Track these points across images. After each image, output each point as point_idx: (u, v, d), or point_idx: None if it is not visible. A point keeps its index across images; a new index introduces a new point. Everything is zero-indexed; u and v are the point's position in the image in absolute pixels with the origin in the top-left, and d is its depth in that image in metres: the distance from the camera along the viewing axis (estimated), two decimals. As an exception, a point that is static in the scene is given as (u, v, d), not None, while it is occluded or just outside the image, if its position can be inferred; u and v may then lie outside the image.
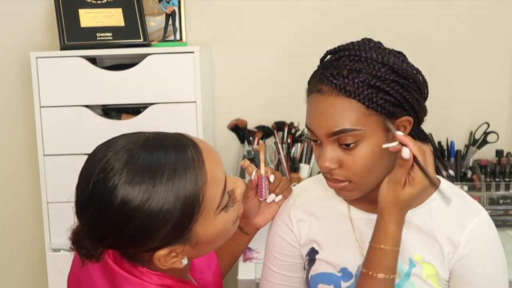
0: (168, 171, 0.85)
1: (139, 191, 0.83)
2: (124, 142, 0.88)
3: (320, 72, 0.99)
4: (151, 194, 0.84)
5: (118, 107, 1.99)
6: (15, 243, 2.34)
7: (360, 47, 0.98)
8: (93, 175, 0.85)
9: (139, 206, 0.83)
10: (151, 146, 0.87)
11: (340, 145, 0.97)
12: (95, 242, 0.89)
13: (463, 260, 1.02)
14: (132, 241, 0.87)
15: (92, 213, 0.86)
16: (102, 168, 0.85)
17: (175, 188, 0.85)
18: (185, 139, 0.91)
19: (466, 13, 2.13)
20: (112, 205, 0.84)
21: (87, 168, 0.88)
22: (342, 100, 0.95)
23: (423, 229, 1.04)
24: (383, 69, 0.95)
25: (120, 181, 0.83)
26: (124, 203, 0.83)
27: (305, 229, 1.13)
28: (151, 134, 0.91)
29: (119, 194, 0.83)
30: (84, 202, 0.87)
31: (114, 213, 0.84)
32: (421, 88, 1.01)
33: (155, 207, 0.84)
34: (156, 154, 0.86)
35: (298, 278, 1.17)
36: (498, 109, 2.17)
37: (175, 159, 0.86)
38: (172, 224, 0.86)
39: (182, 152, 0.88)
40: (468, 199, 1.07)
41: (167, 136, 0.91)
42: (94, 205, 0.85)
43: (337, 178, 1.00)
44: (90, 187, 0.85)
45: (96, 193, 0.85)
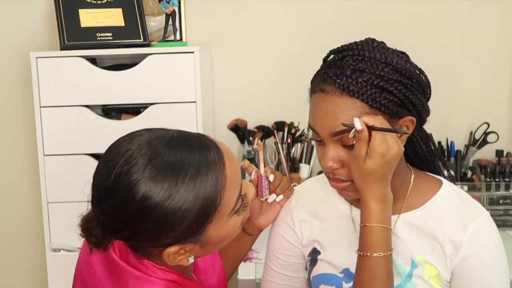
0: (191, 171, 0.86)
1: (161, 188, 0.84)
2: (149, 137, 0.89)
3: (323, 72, 0.99)
4: (173, 192, 0.85)
5: (118, 107, 1.99)
6: (15, 243, 2.34)
7: (363, 47, 0.98)
8: (116, 167, 0.86)
9: (160, 203, 0.84)
10: (176, 145, 0.88)
11: (343, 145, 0.97)
12: (109, 233, 0.89)
13: (465, 261, 1.02)
14: (147, 236, 0.88)
15: (111, 204, 0.86)
16: (126, 161, 0.86)
17: (196, 188, 0.86)
18: (208, 141, 0.92)
19: (466, 13, 2.13)
20: (133, 199, 0.84)
21: (109, 159, 0.89)
22: (346, 99, 0.95)
23: (424, 230, 1.04)
24: (387, 69, 0.95)
25: (143, 177, 0.84)
26: (145, 199, 0.84)
27: (307, 230, 1.13)
28: (175, 132, 0.92)
29: (141, 189, 0.84)
30: (103, 193, 0.88)
31: (134, 207, 0.85)
32: (424, 88, 1.01)
33: (175, 205, 0.85)
34: (180, 153, 0.87)
35: (300, 278, 1.17)
36: (498, 109, 2.17)
37: (199, 160, 0.87)
38: (188, 223, 0.87)
39: (205, 153, 0.89)
40: (470, 200, 1.07)
41: (191, 136, 0.91)
42: (115, 196, 0.86)
43: (340, 178, 1.00)
44: (111, 178, 0.86)
45: (117, 185, 0.85)
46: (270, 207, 1.16)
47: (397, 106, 0.96)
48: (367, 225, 0.97)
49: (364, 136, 0.93)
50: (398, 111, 0.96)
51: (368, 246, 0.97)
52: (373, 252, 0.96)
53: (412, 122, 1.00)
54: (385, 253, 0.97)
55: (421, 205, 1.06)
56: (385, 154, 0.94)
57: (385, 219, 0.97)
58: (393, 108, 0.95)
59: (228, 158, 0.92)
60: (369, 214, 0.97)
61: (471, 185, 1.96)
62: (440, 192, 1.07)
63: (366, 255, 0.97)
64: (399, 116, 0.98)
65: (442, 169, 1.13)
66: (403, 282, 1.04)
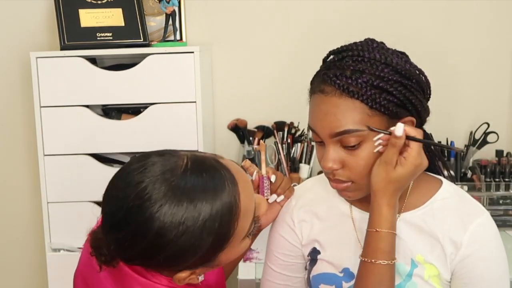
0: (205, 208, 0.85)
1: (175, 225, 0.83)
2: (162, 167, 0.87)
3: (323, 73, 0.99)
4: (187, 228, 0.84)
5: (118, 107, 1.99)
6: (15, 243, 2.34)
7: (363, 48, 0.98)
8: (128, 200, 0.85)
9: (173, 239, 0.84)
10: (191, 178, 0.86)
11: (343, 145, 0.97)
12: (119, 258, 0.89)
13: (465, 261, 1.02)
14: (158, 265, 0.89)
15: (123, 236, 0.86)
16: (139, 195, 0.84)
17: (210, 224, 0.85)
18: (223, 170, 0.89)
19: (466, 13, 2.13)
20: (146, 235, 0.84)
21: (120, 189, 0.87)
22: (346, 100, 0.95)
23: (425, 230, 1.04)
24: (387, 70, 0.95)
25: (157, 213, 0.83)
26: (160, 235, 0.83)
27: (307, 229, 1.13)
28: (189, 160, 0.88)
29: (155, 225, 0.83)
30: (115, 223, 0.87)
31: (147, 242, 0.84)
32: (424, 88, 1.01)
33: (188, 241, 0.84)
34: (194, 187, 0.86)
35: (299, 278, 1.17)
36: (498, 109, 2.17)
37: (213, 195, 0.86)
38: (200, 255, 0.87)
39: (220, 187, 0.87)
40: (470, 200, 1.07)
41: (205, 166, 0.89)
42: (127, 230, 0.85)
43: (340, 178, 1.00)
44: (123, 210, 0.85)
45: (130, 219, 0.85)
46: (270, 207, 1.16)
47: (397, 106, 0.96)
48: (379, 231, 0.96)
49: (400, 143, 0.94)
50: (398, 112, 0.96)
51: (378, 252, 0.96)
52: (383, 259, 0.96)
53: (412, 122, 1.00)
54: (393, 261, 0.97)
55: (421, 204, 1.06)
56: (417, 166, 0.96)
57: (395, 225, 0.98)
58: (393, 108, 0.95)
59: (242, 185, 0.91)
60: (381, 219, 0.97)
61: (471, 185, 1.96)
62: (440, 191, 1.07)
63: (372, 261, 0.97)
64: (399, 117, 0.98)
65: (442, 169, 1.13)
66: (403, 281, 1.04)
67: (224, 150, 2.21)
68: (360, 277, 0.99)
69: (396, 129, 0.93)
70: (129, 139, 1.91)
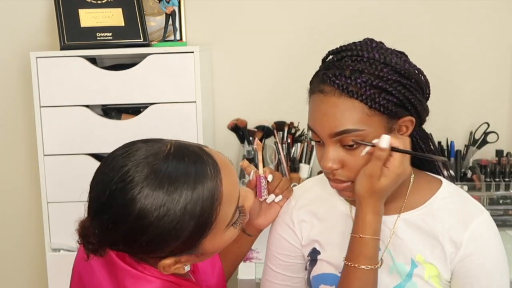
0: (186, 190, 0.86)
1: (156, 207, 0.84)
2: (145, 152, 0.88)
3: (322, 73, 0.99)
4: (168, 211, 0.84)
5: (118, 107, 1.99)
6: (15, 243, 2.34)
7: (362, 47, 0.98)
8: (111, 183, 0.86)
9: (154, 221, 0.84)
10: (172, 162, 0.87)
11: (343, 145, 0.97)
12: (105, 244, 0.90)
13: (465, 261, 1.02)
14: (141, 250, 0.89)
15: (106, 219, 0.86)
16: (121, 178, 0.86)
17: (191, 207, 0.86)
18: (206, 156, 0.91)
19: (466, 13, 2.13)
20: (128, 217, 0.84)
21: (104, 173, 0.89)
22: (345, 100, 0.95)
23: (425, 230, 1.04)
24: (386, 69, 0.96)
25: (138, 195, 0.84)
26: (140, 217, 0.84)
27: (307, 230, 1.13)
28: (172, 146, 0.90)
29: (136, 207, 0.84)
30: (99, 207, 0.88)
31: (129, 225, 0.85)
32: (423, 88, 1.01)
33: (169, 223, 0.85)
34: (175, 171, 0.86)
35: (299, 279, 1.17)
36: (498, 109, 2.17)
37: (194, 179, 0.87)
38: (182, 240, 0.87)
39: (201, 170, 0.88)
40: (470, 200, 1.07)
41: (187, 151, 0.90)
42: (110, 212, 0.86)
43: (340, 178, 1.00)
44: (107, 193, 0.86)
45: (113, 201, 0.86)
46: (269, 207, 1.16)
47: (396, 106, 0.96)
48: (363, 237, 0.98)
49: (384, 156, 0.95)
50: (397, 112, 0.96)
51: (361, 257, 0.98)
52: (366, 264, 0.98)
53: (411, 122, 1.00)
54: (375, 266, 0.99)
55: (421, 204, 1.06)
56: (400, 175, 0.97)
57: (379, 231, 0.99)
58: (392, 108, 0.95)
59: (225, 172, 0.91)
60: (365, 226, 0.98)
61: (471, 185, 1.96)
62: (440, 191, 1.07)
63: (357, 266, 0.98)
64: (399, 117, 0.98)
65: (442, 169, 1.13)
66: (403, 281, 1.04)
67: (224, 150, 2.20)
68: (344, 280, 1.00)
69: (380, 141, 0.95)
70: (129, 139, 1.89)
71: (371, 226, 0.98)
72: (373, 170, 0.96)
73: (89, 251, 0.91)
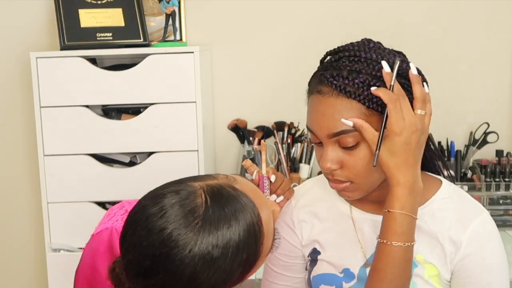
0: (232, 245, 0.85)
1: (207, 267, 0.84)
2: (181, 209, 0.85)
3: (320, 73, 0.99)
4: (218, 268, 0.84)
5: (118, 107, 1.99)
6: (15, 243, 2.34)
7: (359, 48, 0.98)
8: (154, 248, 0.84)
9: (206, 280, 0.84)
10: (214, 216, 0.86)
11: (341, 146, 0.97)
12: None
13: (464, 260, 1.02)
14: None
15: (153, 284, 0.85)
16: (164, 243, 0.83)
17: (238, 258, 0.86)
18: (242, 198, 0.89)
19: (466, 12, 2.12)
20: (178, 281, 0.84)
21: (142, 236, 0.85)
22: (343, 100, 0.95)
23: (425, 230, 1.04)
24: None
25: (187, 259, 0.83)
26: (192, 280, 0.84)
27: (307, 230, 1.13)
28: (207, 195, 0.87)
29: (187, 272, 0.83)
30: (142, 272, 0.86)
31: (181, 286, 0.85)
32: None
33: (219, 278, 0.85)
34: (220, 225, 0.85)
35: (300, 279, 1.17)
36: (498, 109, 2.17)
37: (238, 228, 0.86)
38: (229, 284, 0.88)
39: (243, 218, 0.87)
40: (470, 200, 1.07)
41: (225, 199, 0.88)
42: (156, 278, 0.85)
43: (339, 178, 1.00)
44: (150, 259, 0.84)
45: (159, 267, 0.84)
46: None
47: None
48: (390, 211, 0.94)
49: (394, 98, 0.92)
50: None
51: (390, 233, 0.95)
52: (394, 240, 0.94)
53: None
54: (407, 243, 0.95)
55: (421, 204, 1.05)
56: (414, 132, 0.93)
57: (410, 206, 0.95)
58: None
59: (262, 207, 0.91)
60: (393, 199, 0.94)
61: (471, 185, 1.96)
62: (439, 191, 1.07)
63: (386, 242, 0.95)
64: None
65: (442, 169, 1.13)
66: (403, 281, 1.04)
67: (224, 150, 2.21)
68: (376, 258, 0.98)
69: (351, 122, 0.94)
70: (129, 139, 1.91)
71: (399, 200, 0.94)
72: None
73: None
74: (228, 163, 2.21)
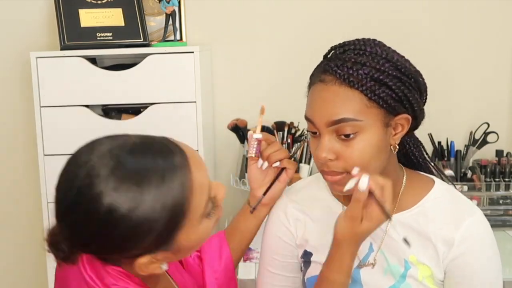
0: (155, 180, 0.83)
1: (126, 199, 0.81)
2: (109, 145, 0.86)
3: (324, 63, 1.00)
4: (139, 202, 0.82)
5: (118, 107, 1.99)
6: (15, 243, 2.34)
7: (365, 43, 1.00)
8: (77, 180, 0.83)
9: (126, 214, 0.81)
10: (139, 152, 0.85)
11: (339, 135, 0.97)
12: (76, 247, 0.87)
13: (457, 260, 1.02)
14: (115, 248, 0.85)
15: (76, 219, 0.83)
16: (87, 173, 0.82)
17: (162, 197, 0.83)
18: (172, 145, 0.89)
19: (466, 12, 2.13)
20: (98, 213, 0.81)
21: (69, 171, 0.86)
22: (345, 89, 0.96)
23: (417, 230, 1.04)
24: (387, 65, 0.96)
25: (106, 188, 0.81)
26: (111, 211, 0.81)
27: (301, 229, 1.13)
28: (137, 138, 0.88)
29: (106, 201, 0.81)
30: (67, 207, 0.84)
31: (99, 221, 0.82)
32: (421, 89, 1.01)
33: (141, 215, 0.82)
34: (143, 161, 0.84)
35: (298, 278, 1.17)
36: (498, 109, 2.17)
37: (163, 167, 0.85)
38: (157, 233, 0.84)
39: (169, 159, 0.86)
40: (463, 199, 1.07)
41: (154, 142, 0.88)
42: (78, 211, 0.83)
43: (334, 170, 1.00)
44: (73, 191, 0.83)
45: (80, 199, 0.82)
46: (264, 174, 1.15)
47: (394, 101, 0.96)
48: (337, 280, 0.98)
49: (363, 198, 0.93)
50: (395, 106, 0.97)
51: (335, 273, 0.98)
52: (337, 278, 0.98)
53: (407, 120, 1.00)
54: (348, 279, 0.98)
55: (414, 205, 1.06)
56: (382, 221, 0.95)
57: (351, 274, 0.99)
58: (391, 102, 0.96)
59: (194, 161, 0.89)
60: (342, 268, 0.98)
61: (471, 185, 1.96)
62: (432, 191, 1.07)
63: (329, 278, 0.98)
64: (396, 112, 0.98)
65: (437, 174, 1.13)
66: (397, 283, 1.04)
67: (224, 150, 2.21)
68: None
69: (360, 184, 0.93)
70: (129, 139, 1.91)
71: (348, 268, 0.98)
72: (353, 212, 0.95)
73: (60, 259, 0.88)
74: (228, 163, 2.21)
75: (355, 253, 0.98)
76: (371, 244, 1.07)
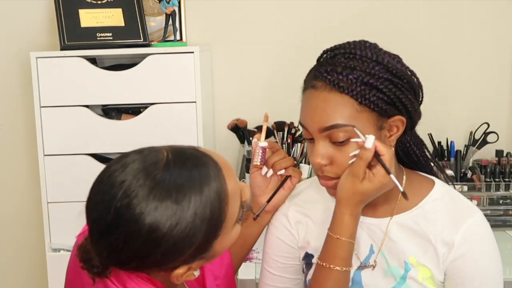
0: (194, 194, 0.84)
1: (167, 218, 0.82)
2: (142, 163, 0.86)
3: (315, 69, 1.00)
4: (179, 219, 0.83)
5: (118, 107, 1.99)
6: (15, 243, 2.34)
7: (355, 46, 0.99)
8: (115, 201, 0.83)
9: (167, 232, 0.82)
10: (173, 168, 0.85)
11: (332, 141, 0.98)
12: (114, 265, 0.87)
13: (457, 261, 1.02)
14: (155, 264, 0.86)
15: (116, 239, 0.83)
16: (125, 194, 0.82)
17: (201, 210, 0.84)
18: (204, 156, 0.89)
19: (466, 12, 2.12)
20: (139, 233, 0.82)
21: (104, 192, 0.85)
22: (335, 95, 0.96)
23: (417, 232, 1.04)
24: (377, 67, 0.96)
25: (146, 209, 0.81)
26: (153, 230, 0.82)
27: (303, 231, 1.13)
28: (169, 152, 0.88)
29: (147, 221, 0.81)
30: (105, 228, 0.84)
31: (141, 241, 0.82)
32: (415, 89, 1.01)
33: (182, 231, 0.83)
34: (180, 177, 0.85)
35: (299, 280, 1.17)
36: (498, 109, 2.17)
37: (199, 180, 0.85)
38: (196, 245, 0.86)
39: (204, 171, 0.87)
40: (463, 200, 1.07)
41: (185, 154, 0.89)
42: (118, 232, 0.83)
43: (328, 175, 1.00)
44: (111, 213, 0.83)
45: (120, 220, 0.82)
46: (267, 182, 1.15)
47: (386, 104, 0.96)
48: (338, 238, 0.98)
49: (367, 156, 0.95)
50: (387, 109, 0.97)
51: (336, 259, 0.99)
52: (340, 265, 0.99)
53: (402, 122, 1.00)
54: (348, 268, 1.00)
55: (414, 206, 1.05)
56: (384, 185, 0.97)
57: (355, 235, 1.00)
58: (382, 105, 0.96)
59: (226, 170, 0.90)
60: (343, 228, 0.99)
61: (471, 185, 1.96)
62: (432, 192, 1.07)
63: (331, 267, 0.99)
64: (389, 115, 0.98)
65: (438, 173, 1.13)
66: (397, 284, 1.04)
67: (224, 150, 2.21)
68: (316, 280, 1.01)
69: (366, 141, 0.94)
70: (129, 139, 1.91)
71: (348, 228, 0.99)
72: (355, 170, 0.96)
73: (94, 275, 0.88)
74: (228, 163, 2.21)
75: (354, 214, 0.99)
76: (371, 246, 1.07)
